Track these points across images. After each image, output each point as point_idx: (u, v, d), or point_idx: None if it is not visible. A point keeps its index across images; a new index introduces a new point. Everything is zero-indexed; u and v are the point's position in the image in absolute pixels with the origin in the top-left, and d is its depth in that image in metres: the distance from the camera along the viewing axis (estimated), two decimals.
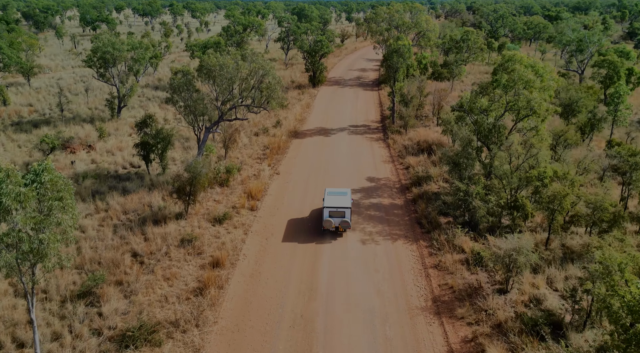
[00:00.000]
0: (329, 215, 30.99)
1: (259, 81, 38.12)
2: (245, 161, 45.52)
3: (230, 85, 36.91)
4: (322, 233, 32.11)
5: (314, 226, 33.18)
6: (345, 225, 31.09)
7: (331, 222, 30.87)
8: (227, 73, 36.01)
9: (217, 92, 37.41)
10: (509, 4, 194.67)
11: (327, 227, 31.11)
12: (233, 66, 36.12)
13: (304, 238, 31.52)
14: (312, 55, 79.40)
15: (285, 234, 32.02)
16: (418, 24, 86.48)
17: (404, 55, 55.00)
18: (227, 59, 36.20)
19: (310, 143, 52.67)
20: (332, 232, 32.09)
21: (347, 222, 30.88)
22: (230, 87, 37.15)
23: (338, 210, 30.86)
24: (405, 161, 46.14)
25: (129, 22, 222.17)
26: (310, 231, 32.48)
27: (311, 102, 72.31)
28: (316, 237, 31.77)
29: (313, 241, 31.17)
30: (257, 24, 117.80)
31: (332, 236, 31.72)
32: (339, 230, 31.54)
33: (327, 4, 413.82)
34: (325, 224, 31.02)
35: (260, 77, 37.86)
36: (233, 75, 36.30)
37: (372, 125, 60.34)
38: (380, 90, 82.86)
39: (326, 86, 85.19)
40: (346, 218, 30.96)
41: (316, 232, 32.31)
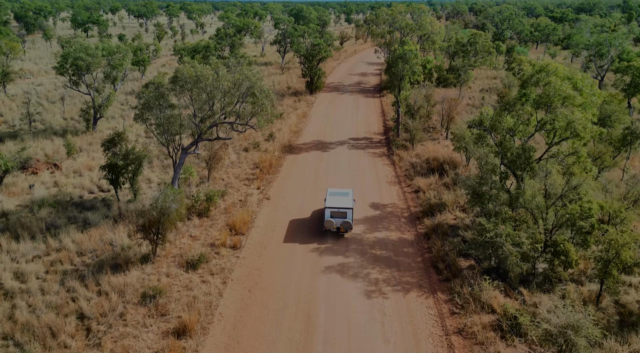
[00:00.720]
0: (330, 215, 30.42)
1: (244, 95, 32.18)
2: (232, 183, 39.61)
3: (210, 100, 31.02)
4: (317, 287, 26.24)
5: (308, 269, 27.32)
6: (346, 226, 30.47)
7: (332, 223, 30.37)
8: (205, 86, 30.10)
9: (195, 107, 31.50)
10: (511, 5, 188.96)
11: (328, 228, 30.58)
12: (213, 77, 30.19)
13: (295, 290, 25.63)
14: (309, 60, 73.55)
15: (271, 282, 26.14)
16: (422, 27, 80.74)
17: (411, 62, 49.15)
18: (205, 70, 30.26)
19: (306, 159, 46.79)
20: (333, 233, 31.41)
21: (348, 222, 30.31)
22: (210, 102, 31.25)
23: (340, 211, 30.26)
24: (413, 183, 40.26)
25: (123, 23, 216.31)
26: (303, 280, 26.61)
27: (308, 111, 66.44)
28: (309, 285, 25.89)
29: (305, 298, 25.29)
30: (252, 26, 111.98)
31: (330, 285, 25.84)
32: (340, 231, 30.91)
33: (326, 5, 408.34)
34: (327, 225, 30.50)
35: (245, 90, 31.91)
36: (213, 88, 30.39)
37: (374, 138, 54.44)
38: (382, 97, 76.99)
39: (324, 92, 79.32)
40: (348, 219, 30.35)
41: (310, 279, 26.44)
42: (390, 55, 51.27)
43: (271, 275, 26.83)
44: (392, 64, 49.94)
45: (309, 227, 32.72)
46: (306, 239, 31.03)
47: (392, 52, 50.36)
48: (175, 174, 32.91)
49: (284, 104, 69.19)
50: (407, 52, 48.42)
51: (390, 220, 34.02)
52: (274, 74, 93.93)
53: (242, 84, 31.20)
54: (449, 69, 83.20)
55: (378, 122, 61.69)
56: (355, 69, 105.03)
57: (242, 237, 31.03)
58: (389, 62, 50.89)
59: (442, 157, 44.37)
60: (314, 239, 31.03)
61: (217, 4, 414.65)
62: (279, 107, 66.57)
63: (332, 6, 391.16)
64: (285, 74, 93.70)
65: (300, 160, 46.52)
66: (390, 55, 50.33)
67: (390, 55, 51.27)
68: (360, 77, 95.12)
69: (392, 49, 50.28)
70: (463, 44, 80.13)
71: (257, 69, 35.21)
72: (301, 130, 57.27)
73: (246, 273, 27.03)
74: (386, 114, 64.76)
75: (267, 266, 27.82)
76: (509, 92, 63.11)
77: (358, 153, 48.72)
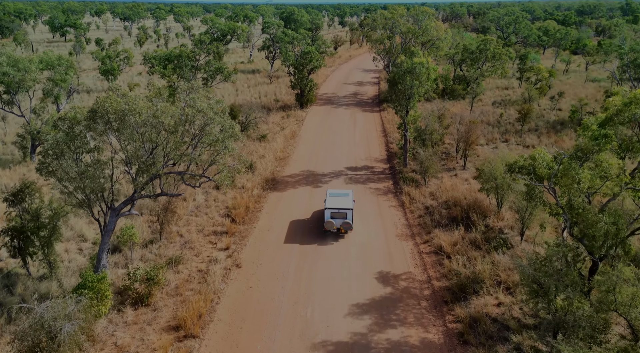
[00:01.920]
0: (330, 216, 30.26)
1: (196, 136, 22.18)
2: (192, 241, 29.65)
3: (146, 143, 21.11)
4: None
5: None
6: (346, 227, 30.38)
7: (333, 223, 30.17)
8: (137, 124, 20.19)
9: (128, 153, 21.54)
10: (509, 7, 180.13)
11: (328, 228, 30.34)
12: (148, 112, 20.26)
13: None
14: (299, 70, 63.70)
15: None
16: (426, 32, 71.12)
17: (421, 77, 39.43)
18: (137, 101, 20.30)
19: (293, 199, 36.93)
20: (334, 234, 30.94)
21: (348, 223, 30.23)
22: (146, 145, 21.31)
23: (340, 212, 30.10)
24: (431, 237, 30.52)
25: (107, 26, 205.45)
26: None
27: (297, 130, 56.55)
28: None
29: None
30: (239, 30, 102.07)
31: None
32: (341, 232, 30.84)
33: (320, 7, 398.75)
34: (327, 225, 30.25)
35: (200, 129, 21.91)
36: (150, 128, 20.50)
37: (376, 167, 44.63)
38: (382, 110, 67.26)
39: (317, 106, 69.48)
40: (348, 220, 30.25)
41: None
42: (395, 68, 41.55)
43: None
44: (398, 79, 40.18)
45: (303, 320, 22.87)
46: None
47: (398, 65, 40.56)
48: (102, 244, 22.89)
49: (269, 121, 59.25)
50: (417, 65, 38.69)
51: (406, 304, 24.20)
52: (261, 83, 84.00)
53: (193, 120, 21.23)
54: (455, 79, 73.65)
55: (380, 144, 51.91)
56: (351, 77, 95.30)
57: (196, 342, 21.12)
58: (394, 78, 41.14)
59: (464, 199, 34.64)
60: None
61: (209, 7, 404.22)
62: (263, 125, 56.64)
63: (326, 9, 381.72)
64: (274, 83, 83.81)
65: (285, 201, 36.64)
66: (396, 69, 40.58)
67: (395, 68, 41.55)
68: (356, 87, 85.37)
69: (399, 62, 40.49)
70: (472, 50, 70.69)
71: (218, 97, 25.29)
72: (288, 157, 47.36)
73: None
74: (388, 134, 55.02)
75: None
76: (531, 108, 53.59)
77: (358, 189, 38.90)
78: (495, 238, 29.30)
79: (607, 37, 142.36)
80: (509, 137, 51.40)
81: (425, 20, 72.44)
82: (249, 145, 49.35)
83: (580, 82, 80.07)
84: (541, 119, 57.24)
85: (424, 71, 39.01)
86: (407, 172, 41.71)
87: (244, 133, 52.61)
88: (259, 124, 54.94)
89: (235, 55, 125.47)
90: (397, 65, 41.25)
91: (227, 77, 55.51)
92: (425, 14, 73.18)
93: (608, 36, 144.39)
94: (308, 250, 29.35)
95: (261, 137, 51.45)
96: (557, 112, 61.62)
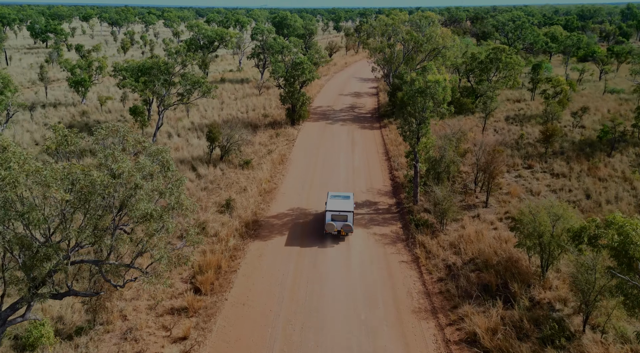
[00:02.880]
0: (331, 218, 29.83)
1: (118, 212, 14.31)
2: (139, 327, 21.79)
3: (30, 224, 13.27)
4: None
5: None
6: (347, 229, 29.86)
7: (333, 226, 29.69)
8: (12, 201, 12.40)
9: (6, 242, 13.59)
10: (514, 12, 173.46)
11: (329, 231, 29.82)
12: (34, 180, 12.45)
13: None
14: (290, 83, 56.06)
15: None
16: (431, 40, 63.74)
17: (437, 98, 31.85)
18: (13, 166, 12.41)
19: (278, 252, 29.19)
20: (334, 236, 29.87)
21: (349, 225, 29.74)
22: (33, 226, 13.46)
23: (340, 214, 29.77)
24: (460, 317, 22.82)
25: (94, 32, 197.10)
26: None
27: (287, 153, 48.84)
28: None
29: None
30: (227, 37, 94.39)
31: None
32: (341, 234, 30.23)
33: (314, 12, 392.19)
34: (328, 227, 29.76)
35: (121, 202, 14.00)
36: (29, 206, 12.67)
37: (380, 203, 36.99)
38: (382, 127, 59.70)
39: (310, 122, 61.85)
40: (348, 222, 29.81)
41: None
42: (405, 87, 33.95)
43: None
44: (407, 101, 32.54)
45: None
46: None
47: (407, 83, 32.92)
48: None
49: (256, 141, 51.50)
50: (432, 84, 31.11)
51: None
52: (250, 95, 76.30)
53: (105, 191, 13.40)
54: (463, 91, 66.24)
55: (382, 170, 44.32)
56: (347, 88, 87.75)
57: None
58: (402, 99, 33.53)
59: (495, 256, 27.06)
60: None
61: (202, 11, 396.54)
62: (248, 148, 48.84)
63: (320, 13, 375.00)
64: (264, 95, 76.14)
65: (268, 255, 28.88)
66: (405, 88, 32.97)
67: (405, 87, 33.95)
68: (353, 99, 77.81)
69: (408, 79, 32.87)
70: (481, 60, 63.38)
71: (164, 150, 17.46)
72: (276, 189, 39.64)
73: None
74: (392, 157, 47.43)
75: None
76: (556, 128, 46.19)
77: (359, 235, 31.23)
78: (546, 320, 21.71)
79: (614, 42, 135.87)
80: (533, 162, 43.94)
81: (430, 27, 65.12)
82: (228, 174, 41.60)
83: (598, 94, 72.93)
84: (565, 139, 49.88)
85: (440, 91, 31.42)
86: (419, 211, 34.10)
87: (225, 158, 44.87)
88: (244, 146, 47.20)
89: (225, 62, 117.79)
90: (405, 83, 33.68)
91: (205, 93, 47.77)
92: (428, 20, 65.84)
93: (615, 42, 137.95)
94: (297, 333, 21.60)
95: (244, 163, 43.74)
96: (581, 130, 54.33)
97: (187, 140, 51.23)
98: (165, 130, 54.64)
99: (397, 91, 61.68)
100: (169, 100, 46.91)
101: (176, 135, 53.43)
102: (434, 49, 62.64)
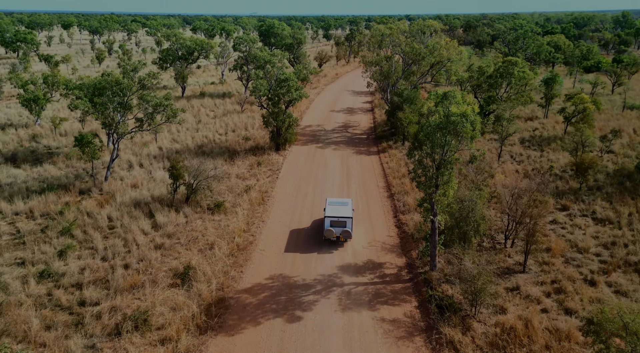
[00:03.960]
0: (330, 224, 29.53)
1: None
2: None
3: None
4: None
5: None
6: (346, 235, 29.60)
7: (332, 232, 29.38)
8: None
9: None
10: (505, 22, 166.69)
11: (328, 237, 29.53)
12: None
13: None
14: (274, 103, 47.64)
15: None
16: (434, 52, 55.71)
17: (463, 137, 23.54)
18: None
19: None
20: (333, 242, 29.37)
21: (348, 231, 29.47)
22: None
23: (339, 220, 29.40)
24: None
25: (73, 41, 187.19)
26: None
27: (270, 189, 40.21)
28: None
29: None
30: (207, 47, 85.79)
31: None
32: (340, 240, 30.03)
33: (303, 19, 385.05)
34: (327, 233, 29.46)
35: None
36: None
37: (387, 264, 28.42)
38: (381, 152, 51.40)
39: (298, 146, 53.40)
40: (347, 228, 29.53)
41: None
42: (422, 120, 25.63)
43: None
44: (423, 138, 24.14)
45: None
46: None
47: (423, 115, 24.55)
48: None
49: (232, 173, 42.80)
50: (457, 118, 22.79)
51: None
52: (232, 112, 67.72)
53: None
54: None
55: (386, 213, 35.87)
56: (339, 102, 79.47)
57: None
58: (415, 136, 25.16)
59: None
60: None
61: (190, 19, 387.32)
62: (222, 184, 39.95)
63: (310, 21, 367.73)
64: (246, 112, 67.58)
65: None
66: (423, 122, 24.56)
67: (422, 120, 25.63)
68: (346, 116, 69.52)
69: (424, 111, 24.55)
70: (490, 74, 55.56)
71: None
72: (252, 244, 30.98)
73: None
74: (395, 194, 39.08)
75: None
76: (594, 160, 38.09)
77: (363, 321, 22.70)
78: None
79: (615, 52, 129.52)
80: (568, 202, 35.83)
81: (432, 37, 57.08)
82: (194, 223, 32.91)
83: (616, 110, 65.48)
84: (595, 167, 41.95)
85: (468, 128, 23.11)
86: (438, 282, 25.70)
87: (192, 199, 36.14)
88: (217, 181, 38.45)
89: (207, 73, 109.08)
90: (421, 114, 25.40)
91: (170, 117, 39.12)
92: (430, 29, 57.85)
93: (615, 51, 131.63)
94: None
95: (215, 206, 35.10)
96: (610, 157, 46.52)
97: (150, 173, 42.45)
98: (126, 159, 45.80)
99: (397, 110, 53.54)
100: (124, 128, 38.15)
101: (138, 165, 44.61)
102: (437, 62, 54.61)
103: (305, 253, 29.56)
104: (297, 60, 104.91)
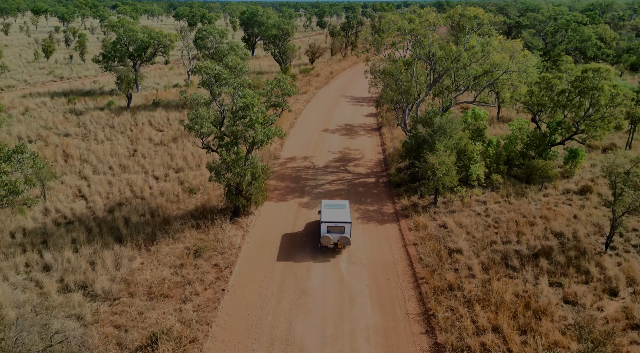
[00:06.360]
0: (327, 230, 26.42)
1: None
2: None
3: None
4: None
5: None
6: (344, 242, 26.59)
7: (329, 238, 26.40)
8: None
9: None
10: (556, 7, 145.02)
11: (325, 244, 26.53)
12: None
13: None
14: (227, 146, 28.06)
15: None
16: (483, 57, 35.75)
17: None
18: None
19: None
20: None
21: (346, 237, 26.47)
22: None
23: (337, 225, 26.39)
24: None
25: (38, 28, 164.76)
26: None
27: (202, 339, 20.84)
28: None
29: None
30: (165, 41, 65.46)
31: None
32: (338, 247, 27.02)
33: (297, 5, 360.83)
34: (324, 240, 26.46)
35: None
36: None
37: None
38: (401, 218, 32.05)
39: (272, 202, 33.94)
40: (346, 234, 26.52)
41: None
42: None
43: None
44: None
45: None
46: None
47: None
48: None
49: (140, 286, 23.35)
50: None
51: None
52: (186, 134, 48.04)
53: None
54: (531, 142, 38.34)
55: None
56: (335, 116, 59.60)
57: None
58: None
59: None
60: None
61: (177, 4, 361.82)
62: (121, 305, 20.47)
63: (303, 6, 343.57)
64: None
65: None
66: None
67: None
68: (344, 139, 49.86)
69: None
70: (562, 89, 36.29)
71: None
72: None
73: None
74: (450, 347, 19.97)
75: None
76: None
77: None
78: None
79: None
80: None
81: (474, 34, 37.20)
82: None
83: None
84: None
85: None
86: None
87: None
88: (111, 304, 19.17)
89: (175, 71, 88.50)
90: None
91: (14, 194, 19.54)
92: (473, 22, 37.89)
93: None
94: None
95: None
96: None
97: (5, 277, 23.03)
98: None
99: (424, 146, 34.03)
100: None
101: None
102: (486, 72, 34.86)
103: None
104: (283, 56, 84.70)
